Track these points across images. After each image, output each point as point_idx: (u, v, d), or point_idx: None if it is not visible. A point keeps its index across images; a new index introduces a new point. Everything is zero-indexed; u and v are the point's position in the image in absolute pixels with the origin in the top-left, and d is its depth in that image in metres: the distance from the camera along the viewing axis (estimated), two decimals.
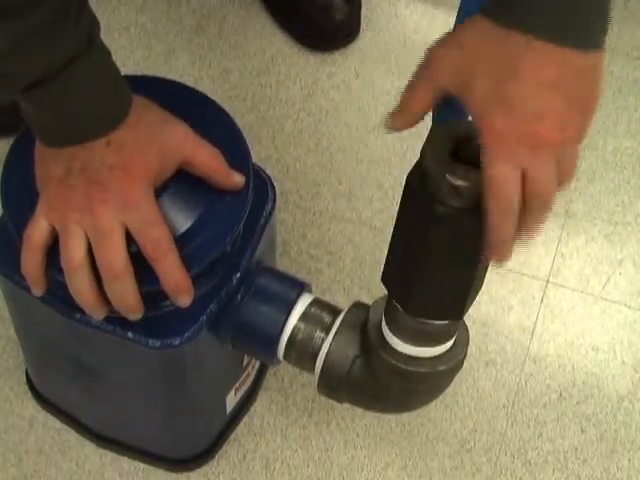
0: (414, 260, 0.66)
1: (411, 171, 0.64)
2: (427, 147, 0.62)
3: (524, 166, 0.58)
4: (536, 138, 0.57)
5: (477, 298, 0.70)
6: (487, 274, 0.69)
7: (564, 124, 0.58)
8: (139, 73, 0.86)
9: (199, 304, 0.73)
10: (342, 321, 0.77)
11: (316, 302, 0.79)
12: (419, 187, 0.62)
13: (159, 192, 0.68)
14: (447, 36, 0.61)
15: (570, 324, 1.07)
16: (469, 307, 0.70)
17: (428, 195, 0.61)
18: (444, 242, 0.63)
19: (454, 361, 0.74)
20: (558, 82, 0.57)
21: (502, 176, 0.58)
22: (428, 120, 0.65)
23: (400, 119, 0.63)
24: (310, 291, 0.81)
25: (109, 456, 0.96)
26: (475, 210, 0.60)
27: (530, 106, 0.57)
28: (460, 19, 0.65)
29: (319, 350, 0.77)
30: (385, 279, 0.70)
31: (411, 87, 0.62)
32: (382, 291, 0.72)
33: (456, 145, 0.61)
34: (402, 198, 0.65)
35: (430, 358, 0.73)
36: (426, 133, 0.63)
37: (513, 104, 0.57)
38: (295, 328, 0.78)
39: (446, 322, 0.70)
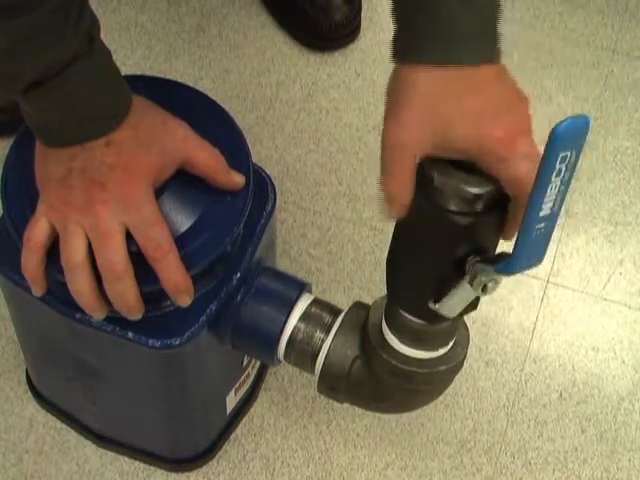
0: (397, 251, 0.66)
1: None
2: (427, 161, 0.62)
3: (529, 154, 0.61)
4: (523, 122, 0.61)
5: None
6: None
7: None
8: (139, 73, 0.86)
9: (199, 304, 0.73)
10: (342, 321, 0.77)
11: (316, 302, 0.79)
12: (426, 199, 0.63)
13: (159, 192, 0.68)
14: (396, 110, 0.62)
15: (570, 324, 1.07)
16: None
17: (440, 207, 0.62)
18: (457, 246, 0.64)
19: (454, 361, 0.74)
20: (503, 78, 0.62)
21: (526, 172, 0.60)
22: None
23: (398, 212, 0.64)
24: (310, 291, 0.81)
25: (109, 456, 0.96)
26: (487, 210, 0.62)
27: (504, 103, 0.61)
28: None
29: (319, 350, 0.77)
30: (393, 295, 0.70)
31: (390, 174, 0.63)
32: (382, 291, 0.72)
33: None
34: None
35: (430, 359, 0.73)
36: None
37: (496, 110, 0.60)
38: (295, 328, 0.78)
39: (448, 322, 0.71)
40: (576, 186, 1.15)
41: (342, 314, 0.78)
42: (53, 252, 0.67)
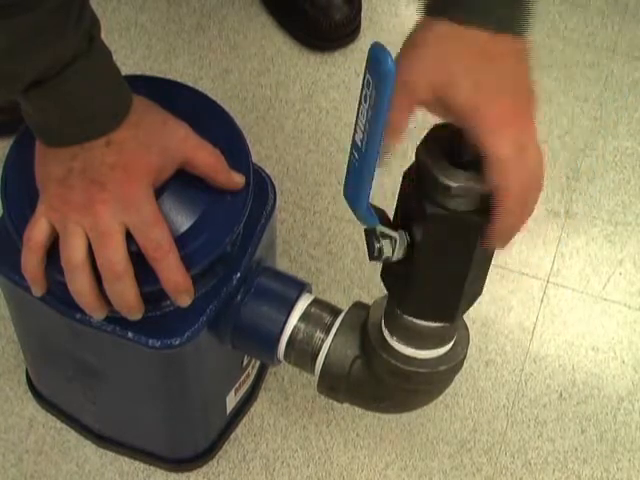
0: (410, 264, 0.66)
1: (408, 170, 0.65)
2: (422, 148, 0.62)
3: (522, 144, 0.60)
4: (525, 111, 0.61)
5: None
6: (486, 277, 0.69)
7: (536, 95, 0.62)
8: (139, 73, 0.86)
9: (199, 304, 0.73)
10: (342, 321, 0.77)
11: (316, 302, 0.79)
12: (413, 186, 0.63)
13: (159, 192, 0.68)
14: (410, 49, 0.62)
15: (570, 324, 1.07)
16: (463, 311, 0.70)
17: (421, 194, 0.62)
18: (433, 240, 0.64)
19: (454, 361, 0.74)
20: (520, 63, 0.61)
21: (508, 154, 0.59)
22: (427, 121, 0.65)
23: (391, 139, 0.62)
24: (310, 291, 0.81)
25: (109, 456, 0.96)
26: (463, 213, 0.62)
27: (511, 83, 0.60)
28: None
29: (319, 350, 0.77)
30: (383, 276, 0.70)
31: (393, 108, 0.62)
32: (382, 291, 0.72)
33: (451, 148, 0.62)
34: (399, 196, 0.66)
35: (430, 359, 0.73)
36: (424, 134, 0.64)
37: (500, 86, 0.59)
38: (295, 328, 0.78)
39: (443, 324, 0.70)
40: (576, 186, 1.15)
41: (342, 314, 0.78)
42: (53, 252, 0.67)
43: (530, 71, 0.62)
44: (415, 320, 0.70)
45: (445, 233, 0.63)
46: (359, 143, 0.57)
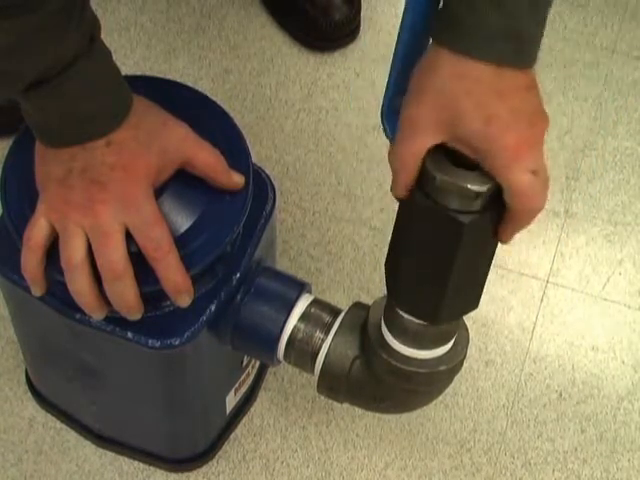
0: (397, 250, 0.67)
1: None
2: (428, 160, 0.63)
3: (536, 169, 0.61)
4: (538, 140, 0.62)
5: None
6: (482, 290, 0.69)
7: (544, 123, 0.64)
8: (139, 73, 0.86)
9: (199, 304, 0.73)
10: (342, 321, 0.77)
11: (316, 302, 0.79)
12: (427, 198, 0.63)
13: (159, 192, 0.68)
14: (413, 93, 0.62)
15: (570, 324, 1.07)
16: (449, 315, 0.70)
17: (441, 206, 0.62)
18: (422, 235, 0.64)
19: (454, 361, 0.74)
20: (530, 90, 0.62)
21: (527, 184, 0.61)
22: None
23: (402, 188, 0.64)
24: (310, 291, 0.81)
25: (109, 456, 0.96)
26: (487, 208, 0.62)
27: (525, 115, 0.61)
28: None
29: (319, 350, 0.77)
30: (385, 267, 0.71)
31: (398, 157, 0.63)
32: (382, 291, 0.72)
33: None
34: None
35: (430, 359, 0.73)
36: None
37: (512, 119, 0.60)
38: (295, 328, 0.78)
39: (430, 324, 0.70)
40: (576, 186, 1.15)
41: (342, 314, 0.78)
42: (53, 252, 0.67)
43: (539, 96, 0.63)
44: (413, 319, 0.70)
45: (431, 228, 0.64)
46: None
